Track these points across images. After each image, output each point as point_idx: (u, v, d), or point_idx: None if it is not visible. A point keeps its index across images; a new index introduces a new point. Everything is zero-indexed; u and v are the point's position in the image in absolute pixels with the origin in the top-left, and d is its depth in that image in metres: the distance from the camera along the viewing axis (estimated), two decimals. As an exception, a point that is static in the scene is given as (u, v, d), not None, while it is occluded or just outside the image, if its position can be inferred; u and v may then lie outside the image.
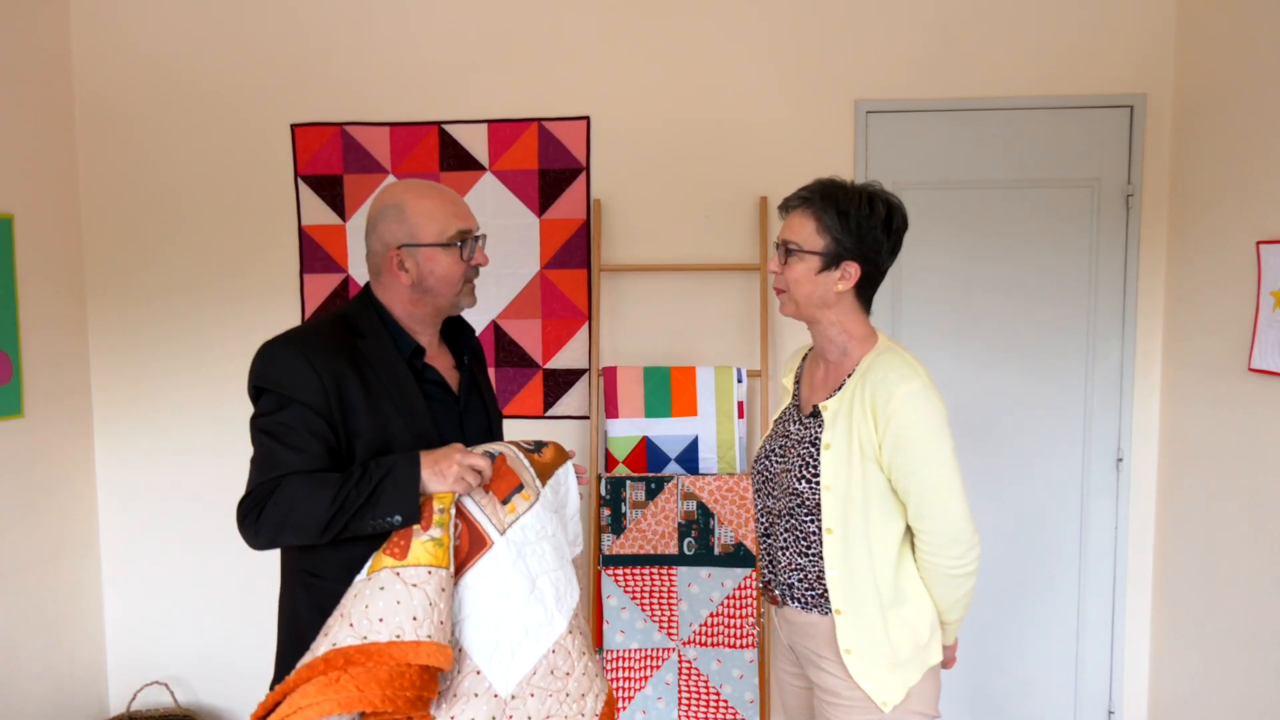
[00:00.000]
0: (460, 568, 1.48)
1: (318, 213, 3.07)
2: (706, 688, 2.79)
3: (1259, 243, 2.39)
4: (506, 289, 3.05)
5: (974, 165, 2.91)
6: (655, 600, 2.81)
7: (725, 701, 2.77)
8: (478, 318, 3.05)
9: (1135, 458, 2.94)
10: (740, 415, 2.86)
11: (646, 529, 2.82)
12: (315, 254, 3.08)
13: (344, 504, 1.45)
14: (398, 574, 1.41)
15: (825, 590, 1.69)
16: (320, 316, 1.67)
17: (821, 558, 1.69)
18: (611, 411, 2.90)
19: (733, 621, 2.78)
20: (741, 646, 2.77)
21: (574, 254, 3.02)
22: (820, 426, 1.71)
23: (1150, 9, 2.83)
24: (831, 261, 1.68)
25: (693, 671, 2.80)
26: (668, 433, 2.88)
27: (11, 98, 2.84)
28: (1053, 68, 2.86)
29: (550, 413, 3.07)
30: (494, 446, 1.61)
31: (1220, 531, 2.58)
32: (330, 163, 3.05)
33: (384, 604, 1.39)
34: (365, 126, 3.03)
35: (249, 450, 1.55)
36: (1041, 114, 2.88)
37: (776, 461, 1.79)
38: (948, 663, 1.81)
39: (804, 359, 1.91)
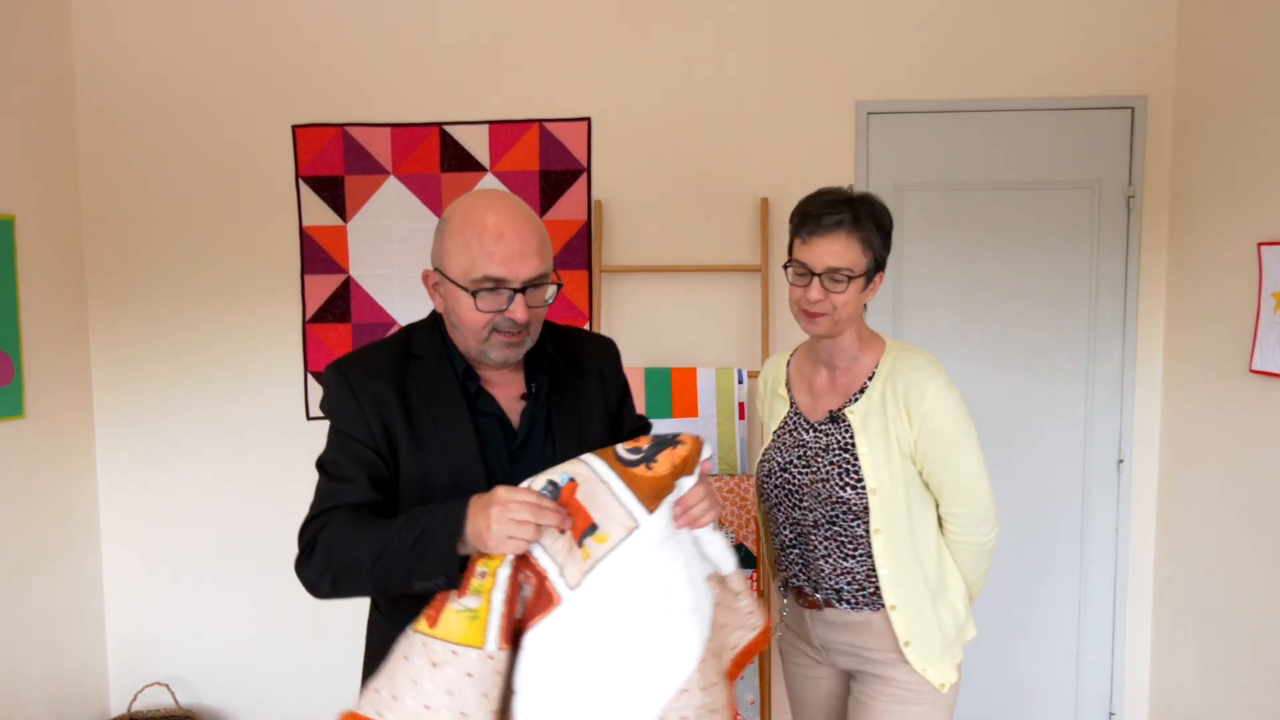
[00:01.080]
0: (522, 627, 1.21)
1: (319, 214, 3.07)
2: (707, 689, 2.79)
3: (1260, 244, 2.39)
4: (507, 290, 3.05)
5: (975, 167, 2.91)
6: (656, 601, 2.81)
7: (726, 703, 2.77)
8: (479, 319, 3.05)
9: (1136, 459, 2.94)
10: (741, 416, 2.86)
11: (647, 530, 2.82)
12: (316, 255, 3.08)
13: (384, 552, 1.26)
14: (425, 644, 1.18)
15: (876, 588, 1.73)
16: (395, 333, 1.51)
17: (870, 557, 1.72)
18: (612, 413, 2.90)
19: (734, 623, 2.78)
20: (742, 648, 2.77)
21: (575, 255, 3.02)
22: (847, 431, 1.73)
23: (1151, 11, 2.83)
24: (871, 276, 1.72)
25: (694, 673, 2.79)
26: (669, 433, 2.88)
27: (13, 99, 2.84)
28: (1054, 69, 2.86)
29: (551, 414, 3.07)
30: (569, 467, 1.27)
31: (1221, 533, 2.58)
32: (331, 164, 3.06)
33: (403, 677, 1.17)
34: (366, 127, 3.03)
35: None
36: (1042, 115, 2.88)
37: (801, 472, 1.78)
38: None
39: (787, 366, 1.93)
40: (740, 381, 2.86)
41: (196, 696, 3.21)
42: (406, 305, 3.07)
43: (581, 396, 1.51)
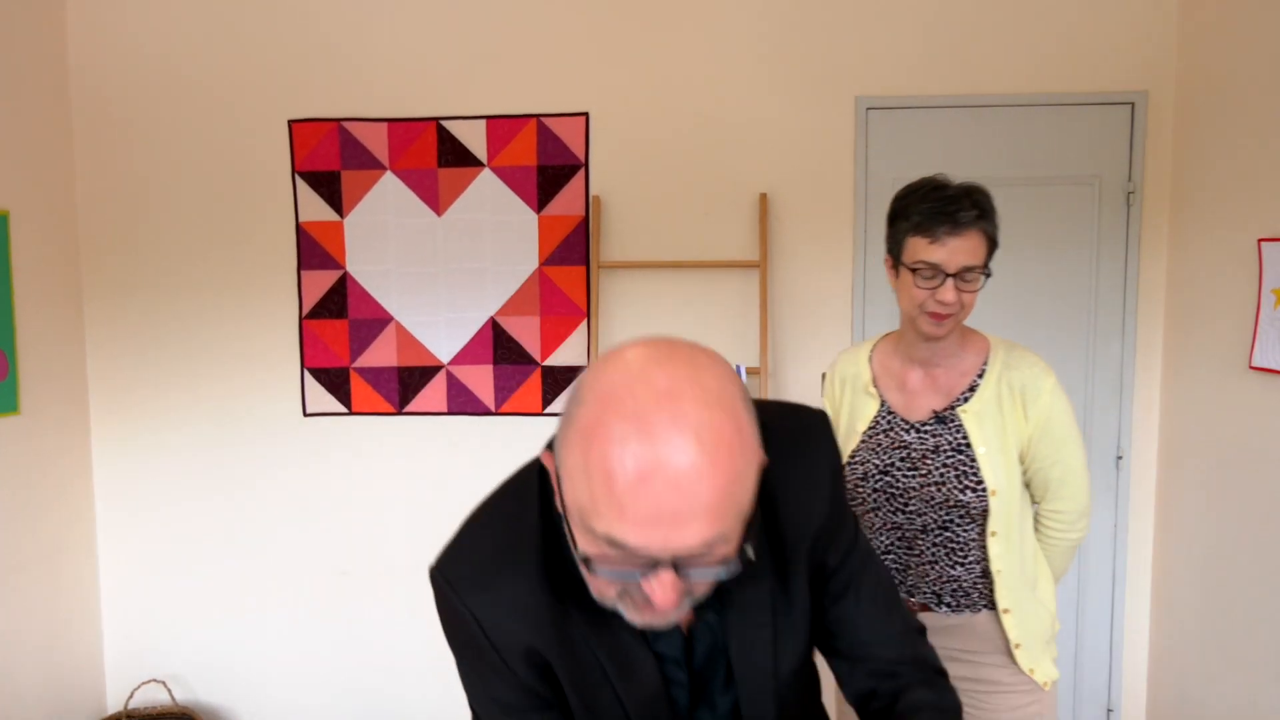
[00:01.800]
0: None
1: (315, 209, 3.05)
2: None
3: (1260, 240, 2.39)
4: (505, 285, 3.04)
5: (975, 162, 2.90)
6: (654, 598, 2.80)
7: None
8: (476, 315, 3.04)
9: (1135, 456, 2.93)
10: (740, 413, 2.85)
11: (646, 527, 2.81)
12: (313, 250, 3.07)
13: None
14: None
15: (981, 591, 1.71)
16: (517, 502, 0.95)
17: (978, 563, 1.70)
18: (611, 409, 2.88)
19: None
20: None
21: (573, 251, 3.01)
22: (958, 431, 1.68)
23: (1152, 6, 2.81)
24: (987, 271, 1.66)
25: (692, 669, 2.79)
26: None
27: (7, 93, 2.82)
28: (1054, 64, 2.85)
29: (549, 410, 3.06)
30: None
31: (1220, 529, 2.58)
32: (328, 159, 3.04)
33: None
34: (363, 122, 3.02)
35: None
36: (1042, 111, 2.87)
37: (907, 475, 1.71)
38: None
39: (870, 361, 1.82)
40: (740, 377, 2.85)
41: (193, 693, 3.20)
42: (403, 301, 3.05)
43: (779, 596, 0.95)
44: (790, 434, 0.96)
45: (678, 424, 0.71)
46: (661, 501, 0.71)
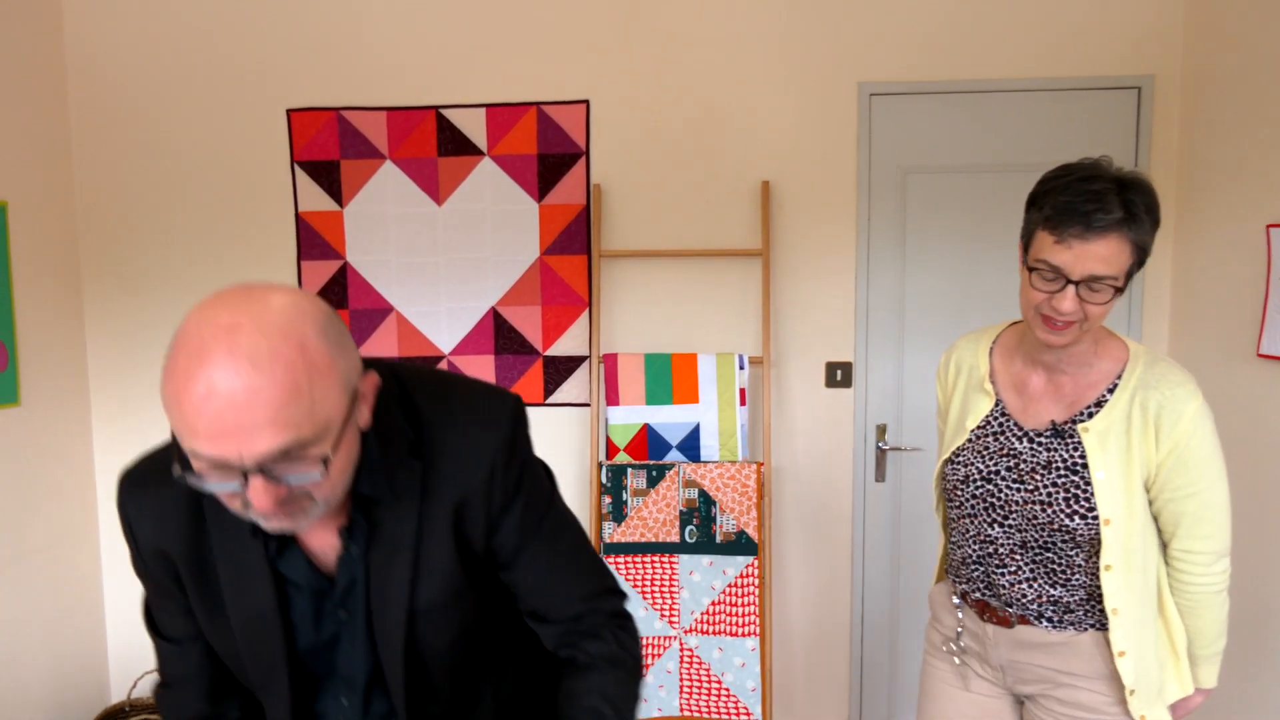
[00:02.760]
0: None
1: (315, 199, 3.04)
2: (708, 676, 2.78)
3: (1269, 226, 2.36)
4: (506, 275, 3.02)
5: (979, 148, 2.87)
6: (657, 588, 2.80)
7: (727, 690, 2.76)
8: (477, 305, 3.02)
9: (1141, 444, 2.91)
10: (743, 402, 2.84)
11: (648, 517, 2.80)
12: (313, 240, 3.05)
13: None
14: None
15: (1087, 610, 1.55)
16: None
17: (1081, 587, 1.54)
18: (612, 399, 2.87)
19: (734, 610, 2.77)
20: (743, 635, 2.76)
21: (574, 240, 2.99)
22: (1077, 449, 1.50)
23: (1159, -12, 2.78)
24: (1133, 276, 1.44)
25: (694, 659, 2.78)
26: (669, 420, 2.86)
27: (5, 84, 2.81)
28: (1059, 49, 2.82)
29: (550, 400, 3.05)
30: None
31: (1226, 518, 2.56)
32: (327, 148, 3.02)
33: None
34: (362, 111, 3.00)
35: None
36: (1047, 96, 2.84)
37: (1012, 486, 1.55)
38: (1188, 707, 1.62)
39: (990, 354, 1.65)
40: (741, 367, 2.84)
41: (197, 684, 3.20)
42: (404, 291, 3.04)
43: (424, 540, 1.05)
44: (466, 405, 1.08)
45: (232, 351, 0.83)
46: (223, 417, 0.83)
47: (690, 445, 2.86)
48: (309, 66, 3.00)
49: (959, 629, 1.68)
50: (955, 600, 1.69)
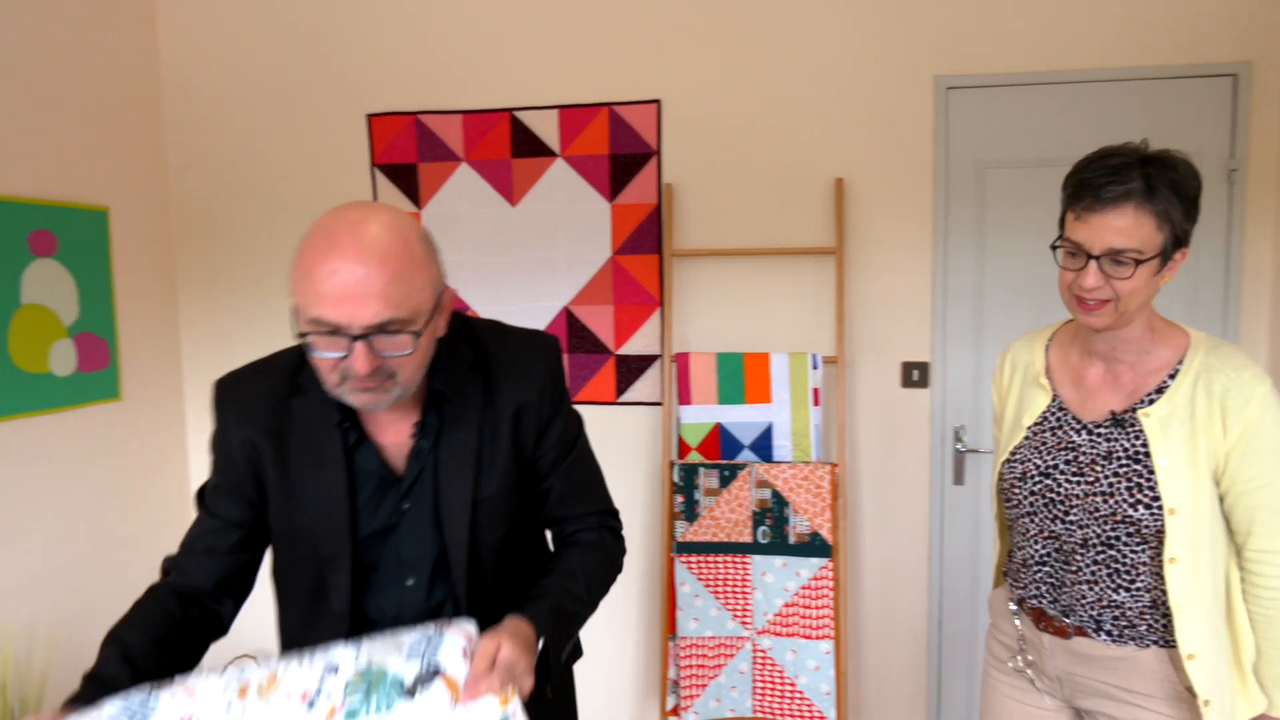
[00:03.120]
0: None
1: (393, 200, 3.12)
2: (781, 678, 2.76)
3: (1379, 219, 2.23)
4: (578, 275, 3.05)
5: (1063, 142, 2.78)
6: (729, 588, 2.79)
7: (800, 693, 2.74)
8: (550, 304, 3.06)
9: (1237, 448, 2.78)
10: (816, 402, 2.81)
11: (720, 516, 2.80)
12: (392, 242, 3.13)
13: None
14: None
15: (1148, 624, 1.47)
16: (289, 350, 1.32)
17: (1148, 591, 1.46)
18: (684, 398, 2.88)
19: (809, 612, 2.74)
20: (818, 637, 2.73)
21: (645, 239, 3.00)
22: (1138, 437, 1.45)
23: (1258, -29, 2.65)
24: (1169, 255, 1.41)
25: (767, 661, 2.77)
26: (741, 419, 2.85)
27: (105, 97, 2.95)
28: (1149, 35, 2.71)
29: (622, 399, 3.06)
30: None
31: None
32: (405, 151, 3.09)
33: None
34: (439, 115, 3.06)
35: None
36: (1136, 85, 2.73)
37: (1071, 480, 1.51)
38: None
39: (1046, 350, 1.63)
40: (815, 367, 2.81)
41: (282, 671, 3.31)
42: (479, 292, 3.09)
43: (485, 440, 1.27)
44: (519, 337, 1.35)
45: (357, 238, 1.08)
46: (345, 287, 1.06)
47: (763, 445, 2.84)
48: (388, 73, 3.08)
49: (1020, 638, 1.63)
50: (1012, 607, 1.65)
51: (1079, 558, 1.50)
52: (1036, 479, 1.55)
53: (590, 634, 3.11)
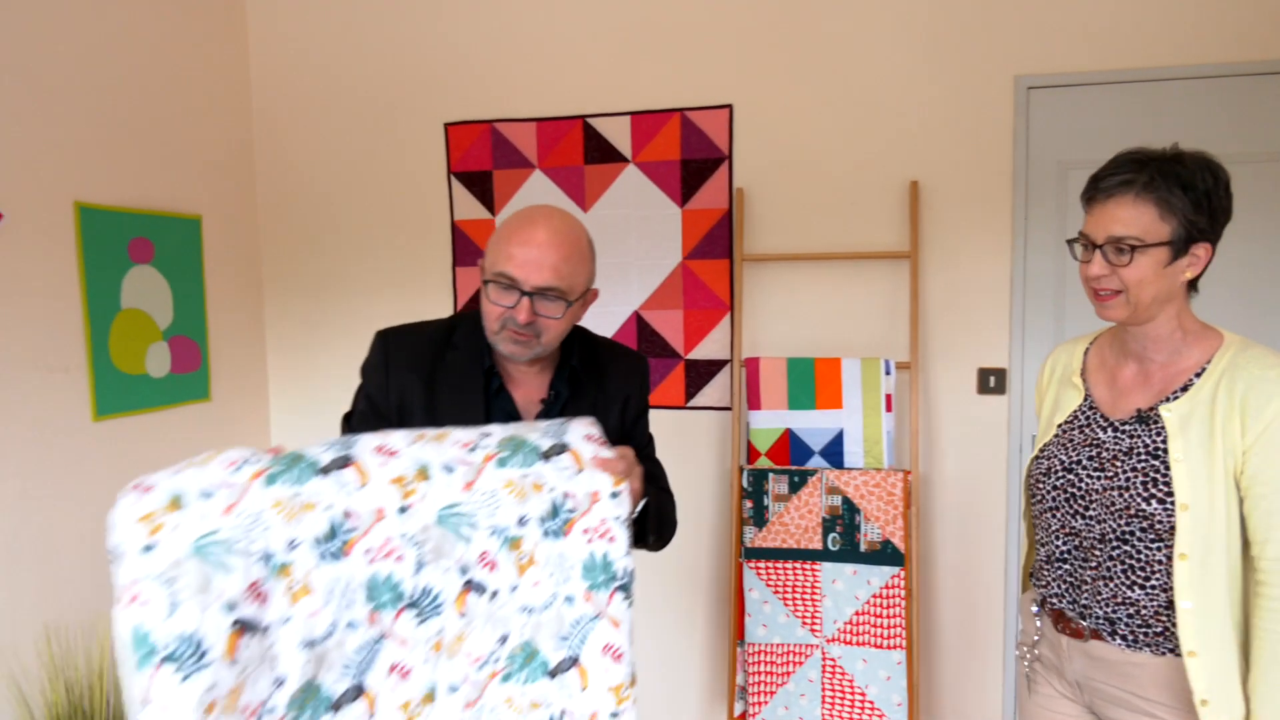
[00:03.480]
0: None
1: (469, 207, 3.19)
2: (852, 687, 2.72)
3: None
4: (648, 279, 3.07)
5: (1150, 141, 2.65)
6: (798, 595, 2.77)
7: (871, 703, 2.70)
8: (620, 309, 3.09)
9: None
10: (888, 408, 2.77)
11: (789, 523, 2.78)
12: (466, 247, 3.20)
13: None
14: None
15: (1164, 628, 1.46)
16: (445, 318, 1.65)
17: (1164, 590, 1.45)
18: (754, 403, 2.87)
19: (880, 621, 2.70)
20: (889, 647, 2.69)
21: (715, 244, 3.00)
22: (1159, 434, 1.46)
23: (1365, -42, 2.52)
24: (1182, 248, 1.42)
25: (837, 670, 2.74)
26: (812, 425, 2.82)
27: (199, 112, 3.10)
28: (1245, 28, 2.60)
29: (691, 403, 3.07)
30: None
31: None
32: (480, 159, 3.16)
33: None
34: (513, 123, 3.12)
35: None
36: (1231, 82, 2.62)
37: (1092, 475, 1.53)
38: None
39: (1085, 354, 1.67)
40: (888, 372, 2.77)
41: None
42: (551, 295, 3.14)
43: (599, 413, 1.52)
44: (624, 349, 1.73)
45: (550, 222, 1.46)
46: (531, 254, 1.42)
47: (833, 451, 2.81)
48: (465, 83, 3.16)
49: (1036, 635, 1.66)
50: (1034, 608, 1.65)
51: (1097, 553, 1.52)
52: (1060, 474, 1.57)
53: (659, 636, 3.12)
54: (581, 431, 1.37)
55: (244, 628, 1.11)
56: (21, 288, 2.45)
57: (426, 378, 1.52)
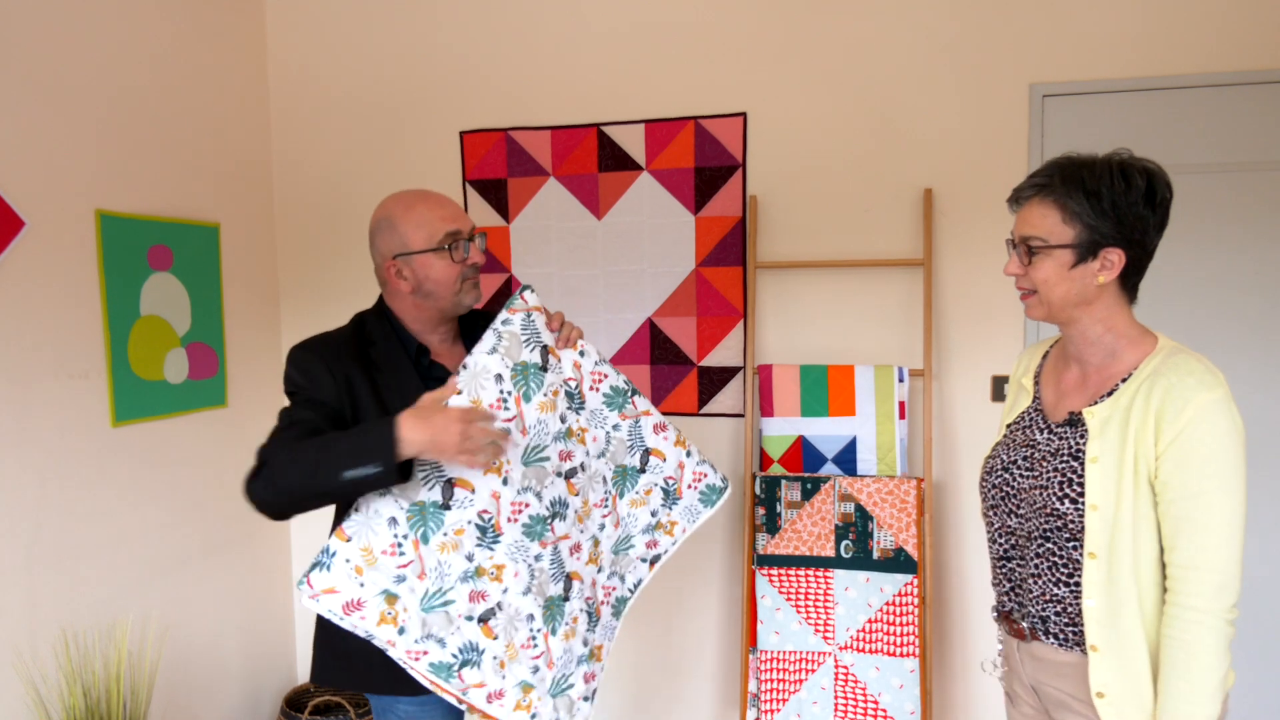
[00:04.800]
0: None
1: (484, 215, 3.21)
2: (864, 695, 2.71)
3: None
4: (662, 287, 3.08)
5: (1167, 150, 2.68)
6: (811, 603, 2.76)
7: (884, 711, 2.69)
8: (633, 316, 3.10)
9: (1359, 470, 2.62)
10: (902, 416, 2.77)
11: (802, 530, 2.78)
12: (481, 255, 3.22)
13: (327, 446, 1.49)
14: None
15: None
16: (344, 325, 1.79)
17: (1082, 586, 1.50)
18: (767, 410, 2.87)
19: (893, 629, 2.69)
20: (902, 655, 2.68)
21: (729, 251, 3.01)
22: (1082, 436, 1.50)
23: (1382, -34, 2.51)
24: (1088, 252, 1.46)
25: (850, 677, 2.73)
26: (825, 432, 2.82)
27: (218, 120, 3.13)
28: (1258, 37, 2.59)
29: (704, 410, 3.07)
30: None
31: None
32: (495, 167, 3.18)
33: None
34: (528, 131, 3.14)
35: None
36: (1246, 91, 2.62)
37: (1023, 475, 1.58)
38: None
39: (1044, 357, 1.71)
40: (901, 380, 2.77)
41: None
42: (564, 303, 3.15)
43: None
44: (484, 311, 1.94)
45: (422, 189, 1.73)
46: (449, 209, 1.69)
47: (846, 458, 2.81)
48: (479, 91, 3.18)
49: (999, 642, 1.71)
50: (993, 614, 1.69)
51: (1027, 550, 1.57)
52: (999, 473, 1.63)
53: (671, 643, 3.12)
54: (548, 335, 1.75)
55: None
56: (44, 294, 2.48)
57: (366, 373, 1.66)
